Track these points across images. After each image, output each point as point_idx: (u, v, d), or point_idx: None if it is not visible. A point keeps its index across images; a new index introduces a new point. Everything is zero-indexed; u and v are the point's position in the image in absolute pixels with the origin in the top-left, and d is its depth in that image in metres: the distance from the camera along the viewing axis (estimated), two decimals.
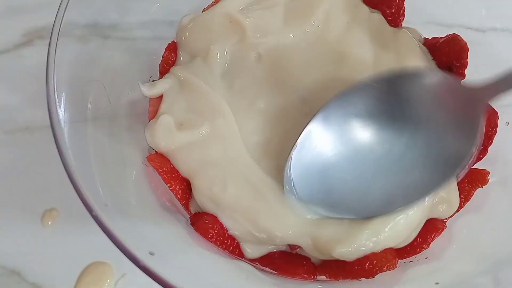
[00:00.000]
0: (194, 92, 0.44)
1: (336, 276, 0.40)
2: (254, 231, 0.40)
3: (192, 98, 0.44)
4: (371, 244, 0.38)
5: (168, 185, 0.41)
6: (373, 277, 0.38)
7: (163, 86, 0.44)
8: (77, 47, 0.40)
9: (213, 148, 0.42)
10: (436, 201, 0.41)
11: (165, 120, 0.42)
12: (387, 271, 0.38)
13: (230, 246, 0.40)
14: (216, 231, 0.40)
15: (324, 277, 0.40)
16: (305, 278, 0.40)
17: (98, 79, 0.41)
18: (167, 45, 0.47)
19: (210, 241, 0.39)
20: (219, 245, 0.40)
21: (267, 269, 0.41)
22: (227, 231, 0.40)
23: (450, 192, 0.42)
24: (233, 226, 0.40)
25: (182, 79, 0.45)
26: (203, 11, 0.49)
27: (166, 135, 0.42)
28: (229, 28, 0.46)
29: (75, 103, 0.38)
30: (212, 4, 0.49)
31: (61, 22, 0.37)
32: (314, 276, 0.40)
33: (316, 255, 0.41)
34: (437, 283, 0.37)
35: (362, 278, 0.39)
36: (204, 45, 0.46)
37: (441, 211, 0.42)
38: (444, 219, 0.42)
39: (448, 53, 0.46)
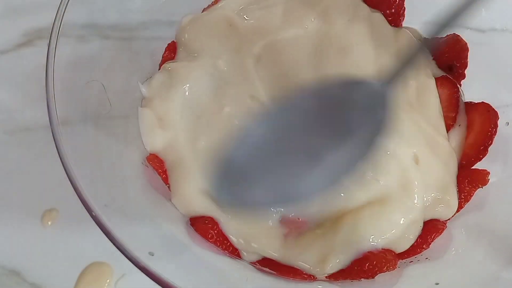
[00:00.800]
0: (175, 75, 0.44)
1: (336, 277, 0.40)
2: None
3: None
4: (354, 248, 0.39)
5: (168, 185, 0.41)
6: (373, 278, 0.38)
7: (156, 82, 0.44)
8: (77, 47, 0.40)
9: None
10: (432, 203, 0.41)
11: (146, 114, 0.43)
12: (387, 272, 0.38)
13: (229, 246, 0.40)
14: (215, 231, 0.40)
15: (324, 277, 0.40)
16: (305, 279, 0.40)
17: (98, 79, 0.41)
18: (167, 45, 0.47)
19: (210, 242, 0.39)
20: (219, 246, 0.40)
21: (267, 269, 0.41)
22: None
23: (448, 193, 0.42)
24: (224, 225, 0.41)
25: (170, 69, 0.44)
26: (203, 11, 0.49)
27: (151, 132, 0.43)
28: (228, 32, 0.46)
29: (75, 103, 0.38)
30: (212, 4, 0.49)
31: (60, 22, 0.37)
32: (314, 277, 0.40)
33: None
34: (437, 283, 0.37)
35: (362, 279, 0.39)
36: (202, 46, 0.45)
37: (439, 213, 0.42)
38: (445, 220, 0.42)
39: (448, 53, 0.47)
